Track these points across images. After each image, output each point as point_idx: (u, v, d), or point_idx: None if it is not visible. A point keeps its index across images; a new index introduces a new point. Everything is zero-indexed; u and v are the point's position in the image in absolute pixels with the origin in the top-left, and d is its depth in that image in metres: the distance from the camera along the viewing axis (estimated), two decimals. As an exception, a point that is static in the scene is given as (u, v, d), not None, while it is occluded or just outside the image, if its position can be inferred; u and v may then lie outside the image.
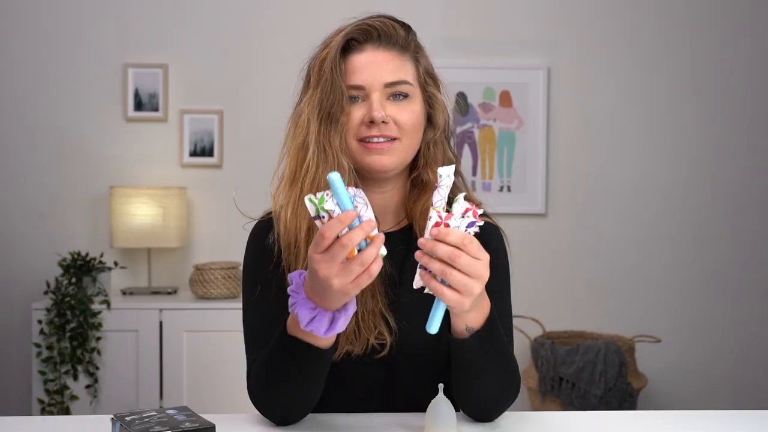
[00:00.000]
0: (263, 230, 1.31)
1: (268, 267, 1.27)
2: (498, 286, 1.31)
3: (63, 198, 3.31)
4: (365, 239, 1.01)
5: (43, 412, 2.91)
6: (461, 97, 3.36)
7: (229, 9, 3.34)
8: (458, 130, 3.37)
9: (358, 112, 1.24)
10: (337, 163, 1.22)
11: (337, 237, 1.01)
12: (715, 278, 3.45)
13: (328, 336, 1.10)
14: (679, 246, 3.44)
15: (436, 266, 1.03)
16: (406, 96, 1.26)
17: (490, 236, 1.34)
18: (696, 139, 3.43)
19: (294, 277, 1.12)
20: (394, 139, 1.24)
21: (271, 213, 1.32)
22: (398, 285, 1.29)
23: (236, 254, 3.18)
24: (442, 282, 1.04)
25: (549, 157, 3.41)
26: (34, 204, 3.31)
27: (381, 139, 1.23)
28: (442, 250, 1.02)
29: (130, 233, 3.10)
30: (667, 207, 3.43)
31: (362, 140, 1.24)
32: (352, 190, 1.03)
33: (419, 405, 1.26)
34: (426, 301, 1.28)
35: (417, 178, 1.32)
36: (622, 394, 2.94)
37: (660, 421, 1.31)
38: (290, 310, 1.10)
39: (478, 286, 1.04)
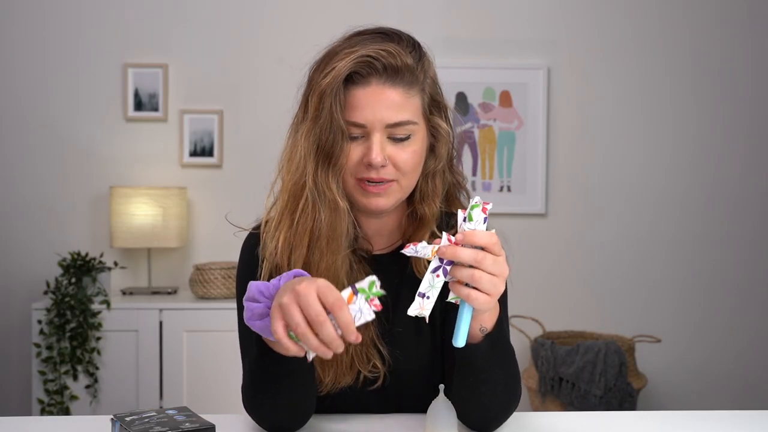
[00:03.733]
0: (256, 241, 1.28)
1: (257, 275, 1.25)
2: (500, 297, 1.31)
3: (63, 198, 3.31)
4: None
5: (43, 412, 2.91)
6: (461, 97, 3.37)
7: (229, 9, 3.34)
8: (458, 130, 3.37)
9: (357, 150, 1.18)
10: (336, 206, 1.18)
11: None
12: (715, 278, 3.45)
13: (250, 323, 1.05)
14: (679, 246, 3.44)
15: (464, 273, 1.00)
16: (408, 137, 1.19)
17: None
18: (696, 139, 3.43)
19: (300, 272, 1.07)
20: (392, 181, 1.20)
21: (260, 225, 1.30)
22: (391, 311, 1.26)
23: (236, 254, 3.16)
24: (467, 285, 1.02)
25: (549, 157, 3.41)
26: (34, 204, 3.31)
27: (378, 181, 1.19)
28: (467, 253, 0.99)
29: (130, 233, 3.10)
30: (667, 207, 3.43)
31: (359, 179, 1.20)
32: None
33: (419, 401, 1.25)
34: (419, 327, 1.27)
35: (413, 212, 1.28)
36: (622, 394, 2.94)
37: (660, 421, 1.31)
38: (245, 300, 1.07)
39: (503, 284, 1.02)
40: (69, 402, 2.93)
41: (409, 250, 1.01)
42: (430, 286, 1.01)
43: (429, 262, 1.02)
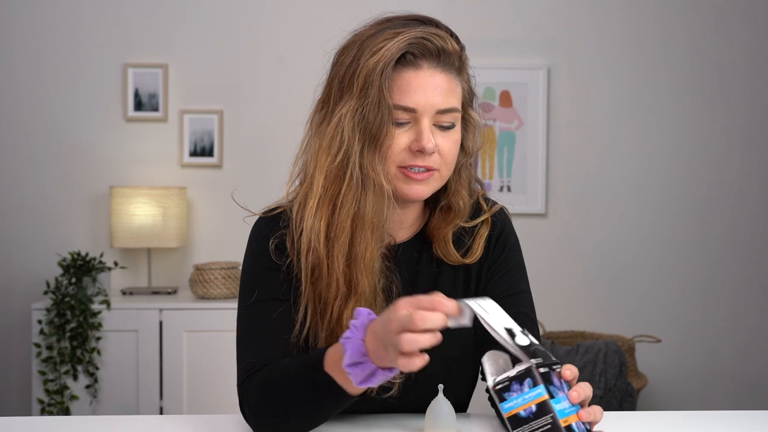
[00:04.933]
0: (267, 227, 1.22)
1: (271, 266, 1.20)
2: (522, 284, 1.31)
3: (63, 198, 3.31)
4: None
5: (43, 412, 2.91)
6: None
7: (229, 9, 3.34)
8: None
9: (403, 137, 1.13)
10: (382, 190, 1.13)
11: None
12: (715, 278, 3.44)
13: (361, 386, 1.02)
14: (679, 246, 3.44)
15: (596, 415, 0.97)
16: (452, 126, 1.16)
17: (501, 229, 1.31)
18: (695, 139, 3.43)
19: (362, 314, 1.03)
20: (435, 170, 1.16)
21: (276, 209, 1.24)
22: None
23: (236, 254, 3.18)
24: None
25: (549, 157, 3.41)
26: (34, 204, 3.31)
27: (422, 169, 1.14)
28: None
29: (130, 233, 3.10)
30: (666, 207, 3.43)
31: (403, 167, 1.14)
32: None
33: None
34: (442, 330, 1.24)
35: (447, 204, 1.25)
36: (622, 394, 2.94)
37: (660, 421, 1.31)
38: (342, 341, 1.02)
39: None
40: (69, 402, 2.93)
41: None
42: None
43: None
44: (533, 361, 0.94)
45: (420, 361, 0.94)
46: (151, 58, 3.32)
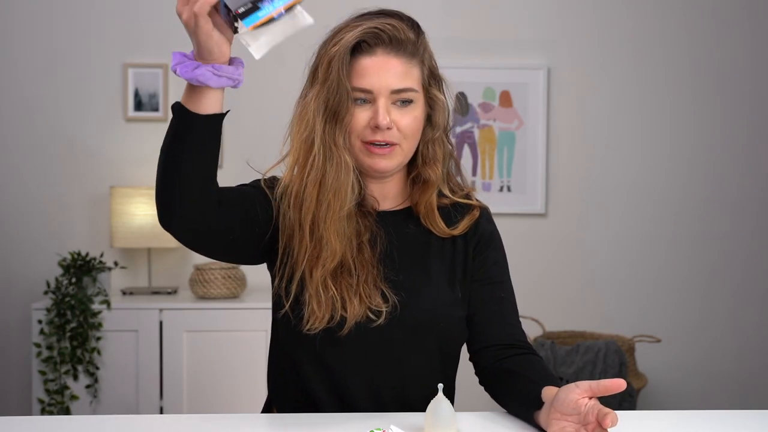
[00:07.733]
0: (272, 182, 1.39)
1: (253, 185, 1.38)
2: (505, 275, 1.42)
3: (63, 198, 3.31)
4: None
5: (43, 412, 2.91)
6: (461, 97, 3.37)
7: (229, 9, 3.34)
8: (458, 130, 3.37)
9: (363, 115, 1.29)
10: (341, 160, 1.27)
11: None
12: (715, 278, 3.45)
13: (188, 78, 1.20)
14: (679, 246, 3.44)
15: None
16: (410, 102, 1.30)
17: (489, 219, 1.44)
18: (695, 139, 3.43)
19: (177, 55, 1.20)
20: (395, 144, 1.30)
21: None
22: (397, 263, 1.34)
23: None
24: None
25: (549, 157, 3.41)
26: (34, 204, 3.31)
27: (383, 143, 1.29)
28: None
29: (130, 233, 3.10)
30: (666, 207, 3.44)
31: (365, 142, 1.30)
32: None
33: (420, 379, 1.33)
34: (421, 277, 1.34)
35: (418, 176, 1.38)
36: (622, 394, 2.94)
37: (660, 421, 1.31)
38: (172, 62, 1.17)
39: None
40: (69, 402, 2.93)
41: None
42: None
43: None
44: None
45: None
46: (151, 58, 3.32)
